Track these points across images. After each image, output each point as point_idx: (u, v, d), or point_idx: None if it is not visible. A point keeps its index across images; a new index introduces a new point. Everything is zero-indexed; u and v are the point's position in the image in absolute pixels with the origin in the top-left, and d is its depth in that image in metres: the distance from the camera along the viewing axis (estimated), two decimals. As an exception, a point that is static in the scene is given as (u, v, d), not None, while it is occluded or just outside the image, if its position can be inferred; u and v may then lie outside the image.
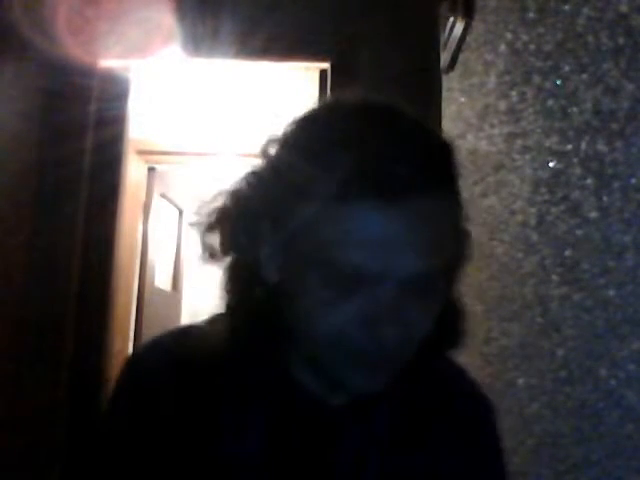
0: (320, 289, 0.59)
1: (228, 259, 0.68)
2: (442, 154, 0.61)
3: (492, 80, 1.23)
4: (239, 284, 0.68)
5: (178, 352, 0.70)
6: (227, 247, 0.68)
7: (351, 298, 0.59)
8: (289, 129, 0.65)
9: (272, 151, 0.66)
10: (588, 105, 0.79)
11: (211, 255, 0.69)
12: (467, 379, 0.79)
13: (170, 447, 0.67)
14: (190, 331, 0.74)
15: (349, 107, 0.64)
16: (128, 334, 2.91)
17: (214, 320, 0.72)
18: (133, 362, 0.74)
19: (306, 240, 0.60)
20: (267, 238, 0.64)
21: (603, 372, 0.73)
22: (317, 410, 0.69)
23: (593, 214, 0.77)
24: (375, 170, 0.56)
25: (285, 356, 0.69)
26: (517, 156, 1.06)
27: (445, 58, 1.68)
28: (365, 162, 0.56)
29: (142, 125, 2.69)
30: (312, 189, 0.58)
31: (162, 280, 3.43)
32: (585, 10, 0.81)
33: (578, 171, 0.81)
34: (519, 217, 1.04)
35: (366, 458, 0.69)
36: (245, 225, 0.66)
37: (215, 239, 0.68)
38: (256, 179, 0.67)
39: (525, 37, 1.04)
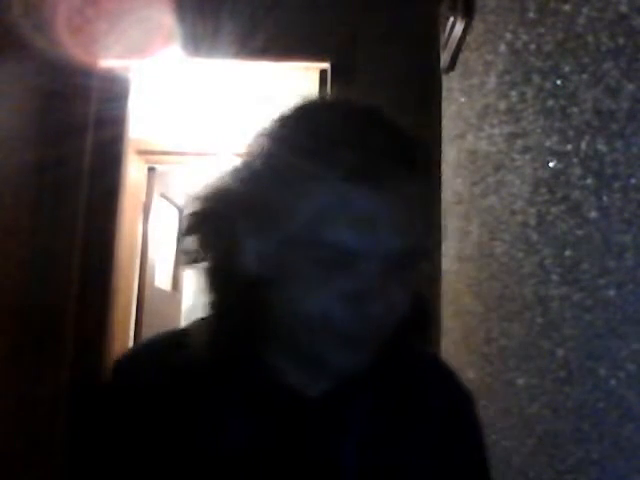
0: (307, 271, 0.62)
1: (208, 259, 0.70)
2: (417, 146, 0.65)
3: (492, 80, 1.23)
4: (220, 281, 0.70)
5: (162, 354, 0.72)
6: (207, 246, 0.70)
7: (337, 277, 0.61)
8: (270, 126, 0.68)
9: (250, 148, 0.68)
10: (588, 105, 0.79)
11: (192, 258, 0.70)
12: (445, 369, 0.80)
13: (155, 446, 0.68)
14: (175, 334, 0.75)
15: (329, 104, 0.69)
16: (128, 334, 2.91)
17: (200, 322, 0.73)
18: (118, 366, 0.75)
19: (292, 225, 0.62)
20: (247, 231, 0.66)
21: (603, 372, 0.73)
22: (294, 402, 0.70)
23: (593, 214, 0.77)
24: (359, 157, 0.60)
25: (265, 349, 0.71)
26: (517, 156, 1.06)
27: (445, 58, 1.68)
28: (349, 150, 0.60)
29: (142, 125, 2.69)
30: (298, 176, 0.62)
31: (162, 280, 3.43)
32: (585, 10, 0.81)
33: (578, 171, 0.81)
34: (519, 217, 1.04)
35: (344, 448, 0.69)
36: (223, 221, 0.68)
37: (194, 242, 0.70)
38: (234, 176, 0.69)
39: (525, 37, 1.04)
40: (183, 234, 0.70)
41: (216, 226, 0.69)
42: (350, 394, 0.71)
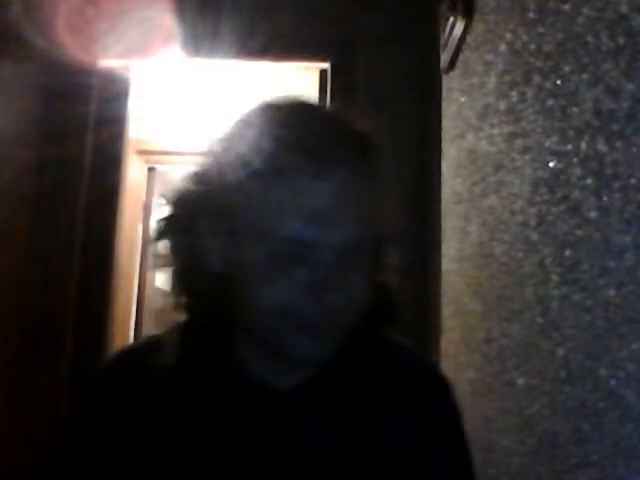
0: (265, 264, 0.64)
1: (177, 262, 0.73)
2: (366, 141, 0.69)
3: (492, 80, 1.23)
4: (188, 282, 0.73)
5: (141, 361, 0.75)
6: (175, 249, 0.73)
7: (294, 268, 0.64)
8: (225, 131, 0.73)
9: (208, 152, 0.73)
10: (588, 105, 0.79)
11: (163, 262, 0.74)
12: (419, 359, 0.80)
13: (136, 448, 0.71)
14: (152, 339, 0.78)
15: (281, 105, 0.72)
16: (128, 334, 2.91)
17: (175, 325, 0.75)
18: (100, 376, 0.79)
19: (249, 220, 0.65)
20: (209, 230, 0.69)
21: (603, 372, 0.73)
22: (265, 396, 0.72)
23: (593, 214, 0.77)
24: (309, 151, 0.63)
25: (236, 346, 0.73)
26: (517, 156, 1.06)
27: (445, 58, 1.68)
28: (299, 145, 0.63)
29: (142, 125, 2.69)
30: (251, 172, 0.65)
31: (162, 280, 3.43)
32: (585, 10, 0.81)
33: (578, 171, 0.81)
34: (519, 217, 1.04)
35: (317, 439, 0.70)
36: (188, 224, 0.71)
37: (164, 247, 0.74)
38: (197, 178, 0.72)
39: (525, 37, 1.04)
40: (153, 240, 0.74)
41: (182, 229, 0.72)
42: (322, 386, 0.72)
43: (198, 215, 0.70)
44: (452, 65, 1.64)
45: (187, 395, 0.71)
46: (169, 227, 0.74)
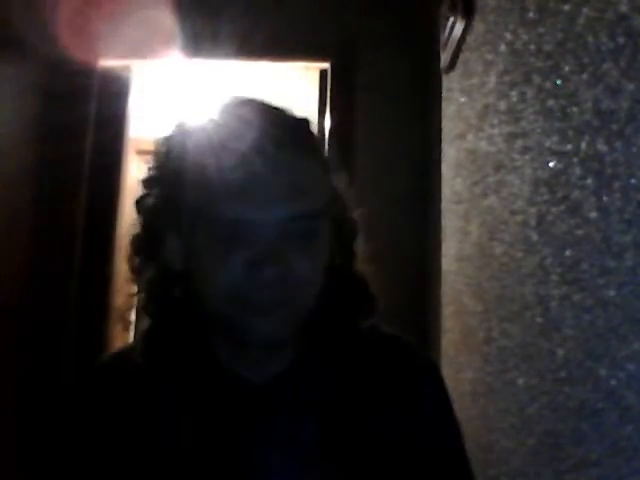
0: (211, 249, 0.67)
1: (147, 273, 0.76)
2: (299, 124, 0.73)
3: (492, 80, 1.23)
4: (155, 290, 0.75)
5: (121, 368, 0.78)
6: (144, 262, 0.76)
7: (235, 248, 0.65)
8: (169, 133, 0.78)
9: (159, 153, 0.76)
10: (588, 105, 0.79)
11: (135, 273, 0.77)
12: (403, 341, 0.80)
13: (122, 450, 0.73)
14: (129, 346, 0.80)
15: (225, 103, 0.77)
16: (128, 334, 2.91)
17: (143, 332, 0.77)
18: (81, 386, 0.83)
19: (199, 209, 0.67)
20: (168, 231, 0.72)
21: (603, 372, 0.73)
22: (243, 392, 0.73)
23: (593, 214, 0.77)
24: (249, 139, 0.66)
25: (210, 346, 0.74)
26: (517, 156, 1.06)
27: (445, 58, 1.68)
28: (240, 134, 0.67)
29: (142, 125, 2.69)
30: (198, 162, 0.68)
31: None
32: (585, 10, 0.81)
33: (578, 171, 0.81)
34: (519, 217, 1.04)
35: (298, 430, 0.71)
36: (149, 229, 0.75)
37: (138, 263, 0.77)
38: (148, 185, 0.76)
39: (525, 37, 1.04)
40: (128, 259, 0.78)
41: (147, 236, 0.75)
42: (298, 377, 0.73)
43: (158, 219, 0.73)
44: (452, 65, 1.64)
45: (164, 395, 0.73)
46: (136, 243, 0.77)
